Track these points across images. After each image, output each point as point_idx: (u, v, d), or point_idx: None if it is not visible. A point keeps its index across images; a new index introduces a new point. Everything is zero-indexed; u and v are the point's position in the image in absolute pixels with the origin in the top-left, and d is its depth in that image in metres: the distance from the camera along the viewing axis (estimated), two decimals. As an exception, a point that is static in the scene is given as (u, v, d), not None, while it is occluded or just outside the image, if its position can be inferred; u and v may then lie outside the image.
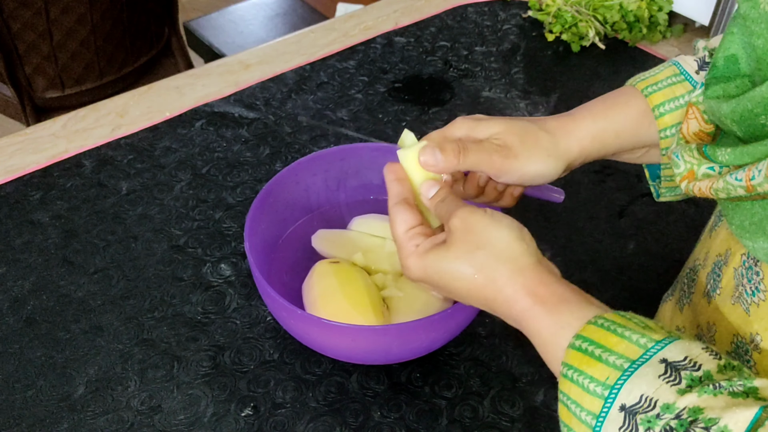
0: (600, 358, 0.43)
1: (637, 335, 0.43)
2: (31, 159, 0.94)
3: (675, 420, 0.38)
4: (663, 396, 0.39)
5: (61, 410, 0.68)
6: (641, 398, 0.40)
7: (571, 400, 0.44)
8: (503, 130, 0.60)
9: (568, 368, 0.44)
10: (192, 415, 0.68)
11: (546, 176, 0.61)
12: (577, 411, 0.43)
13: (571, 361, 0.44)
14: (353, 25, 1.21)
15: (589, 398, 0.42)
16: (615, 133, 0.61)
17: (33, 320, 0.75)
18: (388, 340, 0.65)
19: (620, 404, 0.41)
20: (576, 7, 1.17)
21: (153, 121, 1.00)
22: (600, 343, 0.44)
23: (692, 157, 0.49)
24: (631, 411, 0.40)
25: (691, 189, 0.49)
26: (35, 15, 1.40)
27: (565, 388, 0.44)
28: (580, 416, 0.43)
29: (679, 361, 0.41)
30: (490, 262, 0.51)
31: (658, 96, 0.60)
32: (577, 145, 0.61)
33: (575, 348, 0.44)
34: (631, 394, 0.41)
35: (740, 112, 0.44)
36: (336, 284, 0.69)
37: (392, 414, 0.68)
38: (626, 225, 0.89)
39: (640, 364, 0.42)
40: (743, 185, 0.43)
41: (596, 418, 0.42)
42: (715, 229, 0.56)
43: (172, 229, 0.86)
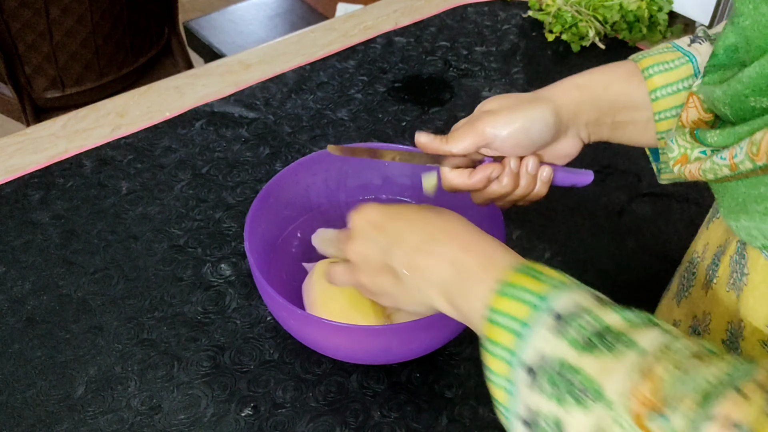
0: (536, 277, 0.46)
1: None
2: (31, 159, 0.94)
3: (596, 336, 0.41)
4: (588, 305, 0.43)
5: (61, 410, 0.68)
6: (569, 302, 0.43)
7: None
8: (484, 102, 0.63)
9: (505, 286, 0.47)
10: (192, 415, 0.68)
11: (535, 124, 0.61)
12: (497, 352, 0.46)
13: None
14: (353, 25, 1.21)
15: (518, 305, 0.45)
16: (602, 85, 0.62)
17: (33, 320, 0.75)
18: (388, 340, 0.65)
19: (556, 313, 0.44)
20: (576, 7, 1.17)
21: (153, 121, 1.00)
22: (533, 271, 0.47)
23: (686, 141, 0.50)
24: (561, 317, 0.43)
25: (683, 172, 0.49)
26: (35, 15, 1.40)
27: (498, 304, 0.46)
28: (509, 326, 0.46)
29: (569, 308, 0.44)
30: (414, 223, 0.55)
31: (648, 60, 0.61)
32: (561, 92, 0.62)
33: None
34: (562, 301, 0.44)
35: (731, 95, 0.45)
36: None
37: (392, 414, 0.68)
38: (626, 224, 0.89)
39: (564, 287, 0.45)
40: (727, 164, 0.43)
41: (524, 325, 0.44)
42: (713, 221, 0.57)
43: (172, 229, 0.86)
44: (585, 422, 0.40)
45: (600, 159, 0.97)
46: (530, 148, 0.62)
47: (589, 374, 0.40)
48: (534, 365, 0.43)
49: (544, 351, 0.43)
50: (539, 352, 0.43)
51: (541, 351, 0.43)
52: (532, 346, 0.43)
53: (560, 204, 0.91)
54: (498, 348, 0.45)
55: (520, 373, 0.44)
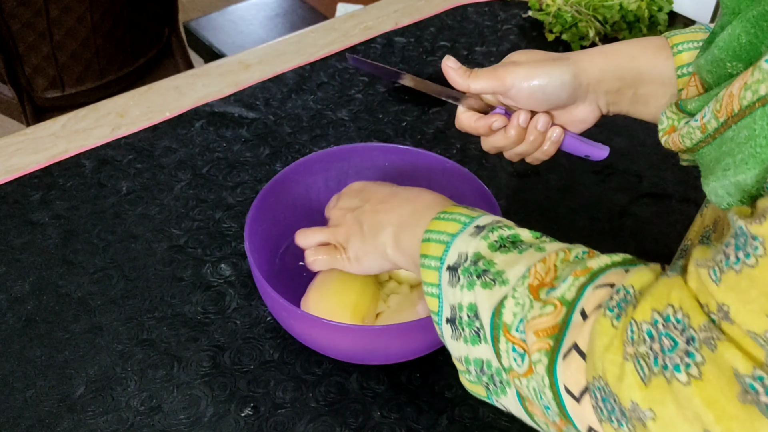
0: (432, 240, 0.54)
1: (464, 217, 0.54)
2: (31, 159, 0.94)
3: (509, 242, 0.50)
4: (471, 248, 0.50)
5: (61, 410, 0.68)
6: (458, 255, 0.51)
7: (427, 284, 0.53)
8: (512, 54, 0.66)
9: (423, 258, 0.54)
10: (192, 415, 0.68)
11: (553, 81, 0.62)
12: (427, 289, 0.54)
13: (423, 251, 0.54)
14: (353, 25, 1.21)
15: (430, 273, 0.53)
16: (630, 56, 0.62)
17: (33, 320, 0.75)
18: (388, 340, 0.65)
19: (447, 265, 0.52)
20: (576, 7, 1.17)
21: (153, 121, 1.00)
22: (435, 229, 0.54)
23: (672, 113, 0.51)
24: (452, 267, 0.51)
25: (668, 142, 0.51)
26: (35, 15, 1.39)
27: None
28: (430, 291, 0.54)
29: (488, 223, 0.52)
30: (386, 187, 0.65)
31: (679, 37, 0.62)
32: (586, 57, 0.63)
33: (424, 240, 0.54)
34: (450, 256, 0.51)
35: (711, 61, 0.46)
36: (333, 278, 0.70)
37: (392, 414, 0.68)
38: (627, 225, 0.89)
39: (458, 234, 0.52)
40: (698, 125, 0.45)
41: (437, 287, 0.53)
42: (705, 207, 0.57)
43: (172, 229, 0.86)
44: (488, 299, 0.47)
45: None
46: (544, 104, 0.63)
47: (497, 264, 0.48)
48: (454, 263, 0.51)
49: (463, 250, 0.50)
50: (459, 252, 0.51)
51: (461, 251, 0.51)
52: (455, 249, 0.51)
53: (561, 205, 0.91)
54: (429, 259, 0.53)
55: (444, 274, 0.51)
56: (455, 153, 0.97)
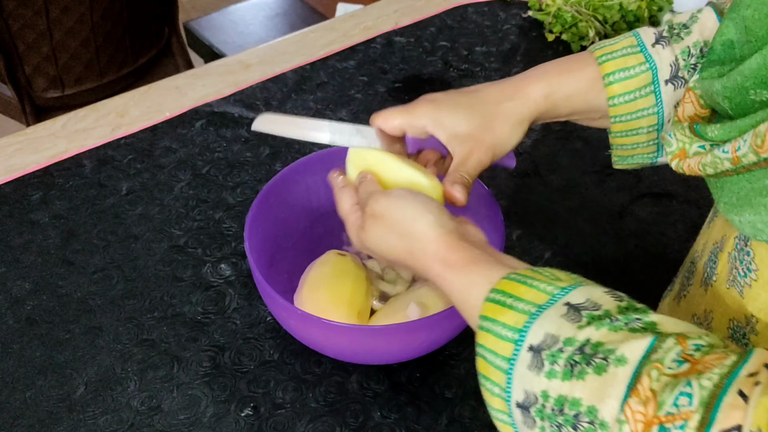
0: (511, 306, 0.46)
1: (545, 284, 0.46)
2: (31, 159, 0.94)
3: (579, 354, 0.41)
4: (564, 332, 0.42)
5: (61, 410, 0.68)
6: (545, 336, 0.43)
7: (487, 350, 0.46)
8: (465, 132, 0.63)
9: (483, 320, 0.47)
10: (192, 415, 0.68)
11: (515, 145, 0.65)
12: (492, 358, 0.46)
13: (486, 313, 0.47)
14: (353, 25, 1.21)
15: (502, 344, 0.45)
16: (565, 96, 0.64)
17: (33, 320, 0.75)
18: (388, 340, 0.65)
19: (529, 345, 0.43)
20: (576, 7, 1.17)
21: (153, 121, 1.00)
22: (511, 293, 0.46)
23: (684, 136, 0.50)
24: (538, 349, 0.43)
25: (681, 167, 0.50)
26: (35, 15, 1.39)
27: (482, 340, 0.47)
28: (495, 363, 0.45)
29: (581, 303, 0.44)
30: (402, 241, 0.56)
31: (610, 65, 0.62)
32: (534, 107, 0.64)
33: (490, 300, 0.47)
34: (537, 334, 0.43)
35: (731, 87, 0.45)
36: (327, 274, 0.70)
37: (392, 414, 0.68)
38: (626, 225, 0.89)
39: (546, 307, 0.44)
40: (729, 157, 0.44)
41: (509, 362, 0.44)
42: (713, 220, 0.57)
43: (172, 229, 0.86)
44: None
45: (600, 159, 0.97)
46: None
47: (583, 400, 0.40)
48: (523, 401, 0.43)
49: (530, 389, 0.43)
50: (526, 391, 0.43)
51: (527, 389, 0.43)
52: (519, 384, 0.44)
53: (561, 205, 0.91)
54: (491, 384, 0.46)
55: (516, 412, 0.44)
56: (455, 153, 0.97)
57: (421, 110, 0.64)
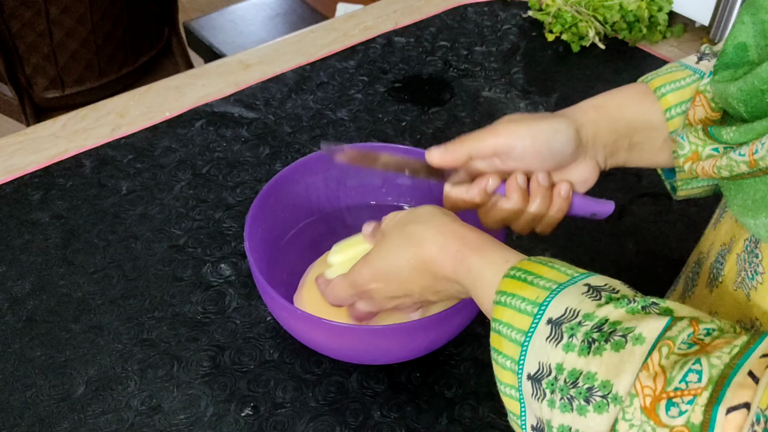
0: (532, 283, 0.47)
1: (565, 267, 0.48)
2: (31, 159, 0.94)
3: (597, 332, 0.41)
4: (585, 307, 0.43)
5: (61, 410, 0.68)
6: (566, 310, 0.44)
7: (503, 324, 0.47)
8: (500, 119, 0.62)
9: (501, 294, 0.48)
10: (192, 415, 0.68)
11: (558, 136, 0.59)
12: (507, 332, 0.46)
13: (505, 288, 0.48)
14: (353, 25, 1.21)
15: (519, 317, 0.46)
16: (617, 106, 0.61)
17: (33, 320, 0.75)
18: (388, 340, 0.65)
19: (548, 318, 0.44)
20: (576, 7, 1.17)
21: (153, 121, 1.00)
22: (532, 271, 0.48)
23: (697, 138, 0.50)
24: (557, 322, 0.43)
25: (694, 169, 0.50)
26: (35, 15, 1.40)
27: (498, 314, 0.47)
28: (510, 336, 0.46)
29: (601, 285, 0.45)
30: (417, 228, 0.56)
31: (658, 80, 0.61)
32: (580, 113, 0.61)
33: (509, 276, 0.48)
34: (557, 308, 0.44)
35: (747, 91, 0.45)
36: None
37: (392, 414, 0.68)
38: (626, 225, 0.89)
39: (567, 285, 0.46)
40: (746, 160, 0.44)
41: (525, 334, 0.45)
42: (720, 221, 0.57)
43: (172, 229, 0.86)
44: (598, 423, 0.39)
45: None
46: (549, 161, 0.60)
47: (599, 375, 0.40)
48: (536, 373, 0.44)
49: (544, 360, 0.43)
50: (540, 362, 0.44)
51: (541, 360, 0.44)
52: (534, 356, 0.44)
53: (560, 204, 0.91)
54: (503, 358, 0.47)
55: (525, 384, 0.45)
56: (455, 153, 0.97)
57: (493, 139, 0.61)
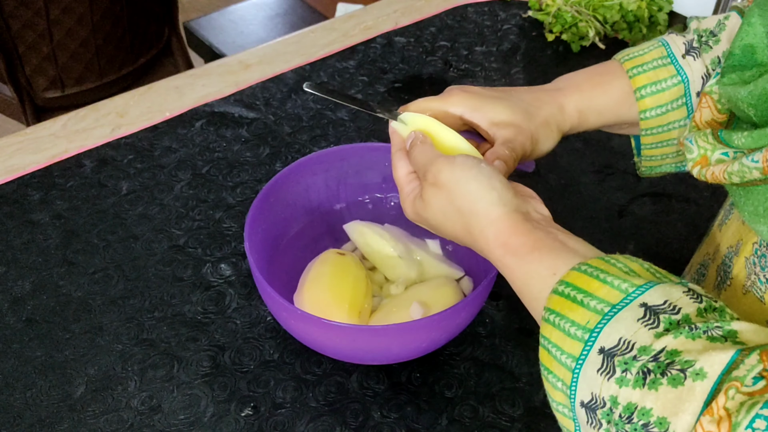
0: (582, 303, 0.43)
1: (619, 280, 0.43)
2: (31, 159, 0.94)
3: (653, 362, 0.38)
4: (641, 338, 0.40)
5: (61, 410, 0.68)
6: (619, 341, 0.40)
7: (552, 344, 0.44)
8: (508, 120, 0.61)
9: (550, 313, 0.45)
10: (192, 415, 0.68)
11: (548, 150, 0.65)
12: (557, 354, 0.44)
13: (553, 306, 0.45)
14: (353, 25, 1.21)
15: (569, 342, 0.43)
16: (597, 112, 0.64)
17: (33, 320, 0.75)
18: (388, 340, 0.65)
19: (599, 347, 0.41)
20: (576, 7, 1.17)
21: (153, 121, 1.00)
22: (582, 288, 0.44)
23: (706, 143, 0.49)
24: (610, 353, 0.40)
25: (703, 174, 0.49)
26: (35, 15, 1.40)
27: (547, 332, 0.45)
28: (561, 359, 0.43)
29: (659, 305, 0.41)
30: (462, 217, 0.53)
31: (642, 78, 0.62)
32: (568, 120, 0.64)
33: (558, 293, 0.45)
34: (610, 337, 0.41)
35: (757, 95, 0.45)
36: (326, 273, 0.70)
37: (392, 414, 0.68)
38: (626, 225, 0.89)
39: (620, 308, 0.42)
40: (759, 167, 0.43)
41: (576, 361, 0.42)
42: (725, 223, 0.56)
43: (172, 229, 0.86)
44: None
45: (600, 159, 0.97)
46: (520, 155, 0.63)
47: (654, 411, 0.37)
48: (589, 403, 0.41)
49: (596, 391, 0.41)
50: (593, 393, 0.41)
51: (594, 391, 0.41)
52: (585, 385, 0.42)
53: (560, 204, 0.91)
54: (553, 376, 0.45)
55: (579, 411, 0.42)
56: (455, 153, 0.97)
57: (456, 98, 0.63)
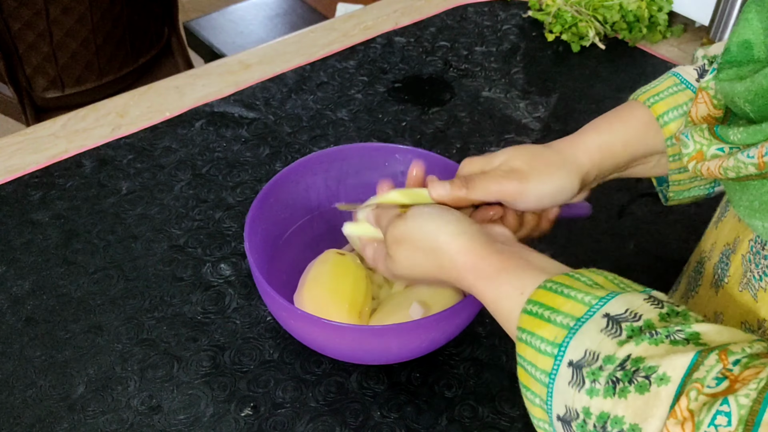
0: (549, 319, 0.45)
1: (582, 294, 0.45)
2: (31, 159, 0.94)
3: (620, 371, 0.40)
4: (604, 348, 0.41)
5: (61, 410, 0.68)
6: (585, 353, 0.42)
7: (527, 362, 0.46)
8: (510, 156, 0.62)
9: (522, 332, 0.46)
10: (192, 415, 0.68)
11: (563, 192, 0.62)
12: (532, 370, 0.45)
13: (524, 325, 0.46)
14: (353, 25, 1.21)
15: (541, 358, 0.44)
16: (622, 144, 0.63)
17: (33, 320, 0.75)
18: (388, 340, 0.65)
19: (568, 360, 0.43)
20: (576, 7, 1.17)
21: (153, 121, 1.00)
22: (548, 305, 0.46)
23: (702, 138, 0.49)
24: (578, 365, 0.42)
25: (699, 169, 0.49)
26: (35, 15, 1.40)
27: (522, 351, 0.46)
28: (536, 375, 0.45)
29: (620, 314, 0.42)
30: (429, 257, 0.55)
31: (661, 105, 0.61)
32: (586, 157, 0.62)
33: (527, 312, 0.46)
34: (576, 350, 0.42)
35: (754, 91, 0.45)
36: (326, 273, 0.70)
37: (392, 414, 0.68)
38: (626, 225, 0.89)
39: (584, 320, 0.43)
40: (755, 162, 0.43)
41: (549, 376, 0.44)
42: (722, 220, 0.57)
43: (172, 229, 0.86)
44: None
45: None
46: (547, 205, 0.63)
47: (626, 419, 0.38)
48: (564, 416, 0.43)
49: (570, 404, 0.42)
50: (566, 406, 0.42)
51: (567, 404, 0.42)
52: (560, 399, 0.43)
53: (560, 204, 0.91)
54: (530, 393, 0.46)
55: (556, 424, 0.44)
56: (455, 153, 0.97)
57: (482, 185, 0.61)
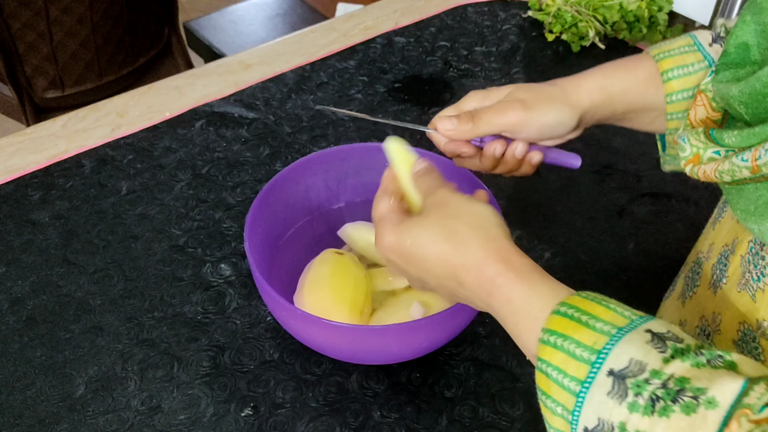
0: (587, 324, 0.42)
1: (621, 308, 0.43)
2: (31, 159, 0.94)
3: (662, 389, 0.38)
4: (652, 361, 0.39)
5: (61, 410, 0.68)
6: (630, 362, 0.39)
7: (554, 367, 0.42)
8: (513, 89, 0.64)
9: (550, 334, 0.43)
10: (192, 415, 0.68)
11: (562, 125, 0.64)
12: (557, 376, 0.42)
13: (554, 327, 0.43)
14: (353, 25, 1.21)
15: (574, 363, 0.41)
16: (623, 90, 0.64)
17: (33, 320, 0.75)
18: (388, 340, 0.65)
19: (608, 369, 0.40)
20: (576, 7, 1.17)
21: (153, 121, 1.00)
22: (586, 310, 0.43)
23: (699, 141, 0.50)
24: (620, 375, 0.39)
25: (695, 173, 0.49)
26: (35, 15, 1.40)
27: (546, 355, 0.43)
28: (562, 382, 0.42)
29: (663, 333, 0.41)
30: (463, 228, 0.50)
31: (668, 62, 0.62)
32: (587, 96, 0.64)
33: (560, 314, 0.43)
34: (619, 358, 0.40)
35: (748, 93, 0.45)
36: (326, 273, 0.70)
37: (392, 414, 0.68)
38: (626, 225, 0.89)
39: (627, 330, 0.41)
40: (749, 166, 0.43)
41: (581, 384, 0.41)
42: (719, 220, 0.57)
43: (172, 229, 0.86)
44: None
45: (600, 159, 0.97)
46: (546, 138, 0.65)
47: None
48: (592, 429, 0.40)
49: (605, 417, 0.39)
50: (599, 418, 0.40)
51: (601, 416, 0.39)
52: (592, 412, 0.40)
53: (560, 204, 0.91)
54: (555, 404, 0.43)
55: None
56: (455, 153, 0.97)
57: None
